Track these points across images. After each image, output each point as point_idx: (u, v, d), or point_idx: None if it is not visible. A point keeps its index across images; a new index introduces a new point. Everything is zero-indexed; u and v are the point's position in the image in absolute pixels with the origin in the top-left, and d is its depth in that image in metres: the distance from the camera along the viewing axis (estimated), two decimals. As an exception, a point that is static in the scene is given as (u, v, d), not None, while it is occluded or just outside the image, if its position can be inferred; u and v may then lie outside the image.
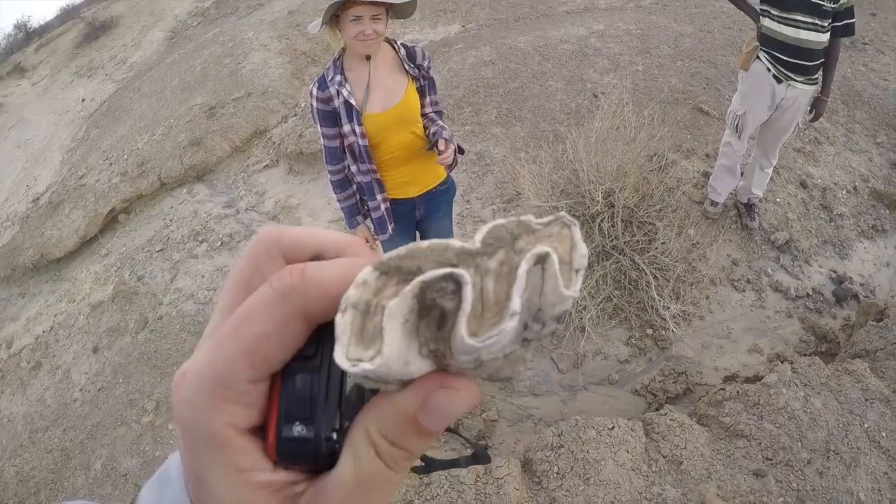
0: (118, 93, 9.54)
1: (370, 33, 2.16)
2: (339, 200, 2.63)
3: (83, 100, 10.42)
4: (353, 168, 2.46)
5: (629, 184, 3.46)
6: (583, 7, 7.54)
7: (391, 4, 2.17)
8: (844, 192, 4.50)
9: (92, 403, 3.91)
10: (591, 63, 5.52)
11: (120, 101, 8.93)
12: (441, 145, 2.32)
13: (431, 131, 2.42)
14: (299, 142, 5.36)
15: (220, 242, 4.89)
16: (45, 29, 16.58)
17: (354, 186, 2.57)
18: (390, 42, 2.37)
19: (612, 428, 2.60)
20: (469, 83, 5.31)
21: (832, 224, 4.16)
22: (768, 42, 3.17)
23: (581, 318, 3.34)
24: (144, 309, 4.50)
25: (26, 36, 16.57)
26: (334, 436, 0.30)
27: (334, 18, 2.21)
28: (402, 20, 2.47)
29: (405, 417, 0.29)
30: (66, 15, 16.75)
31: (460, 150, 2.59)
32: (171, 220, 5.40)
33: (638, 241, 3.53)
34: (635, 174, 3.50)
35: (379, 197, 2.52)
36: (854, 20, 3.12)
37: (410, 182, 2.57)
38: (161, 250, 5.07)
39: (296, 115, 6.26)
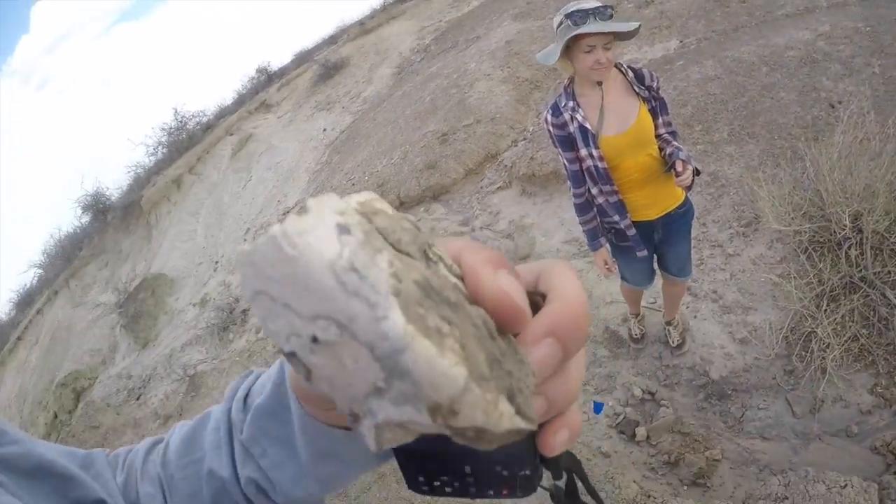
0: (355, 123, 10.81)
1: (604, 62, 2.24)
2: (581, 223, 2.70)
3: (324, 129, 12.00)
4: (594, 190, 2.53)
5: (879, 205, 3.14)
6: (803, 7, 7.09)
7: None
8: None
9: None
10: (822, 69, 5.25)
11: (358, 129, 10.12)
12: (679, 166, 2.31)
13: (668, 152, 2.41)
14: (531, 164, 5.70)
15: (457, 256, 5.38)
16: (283, 72, 19.10)
17: (595, 209, 2.63)
18: (617, 65, 2.41)
19: (845, 486, 2.38)
20: (696, 100, 5.31)
21: None
22: None
23: (823, 359, 3.03)
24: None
25: (268, 78, 19.20)
26: None
27: (565, 49, 2.29)
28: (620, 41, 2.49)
29: None
30: (301, 59, 19.19)
31: (697, 172, 2.51)
32: (410, 236, 6.02)
33: (890, 273, 3.17)
34: (885, 194, 3.16)
35: (629, 218, 2.58)
36: None
37: (649, 204, 2.58)
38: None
39: (525, 138, 6.61)
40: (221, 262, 10.37)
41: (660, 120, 2.46)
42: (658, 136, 2.47)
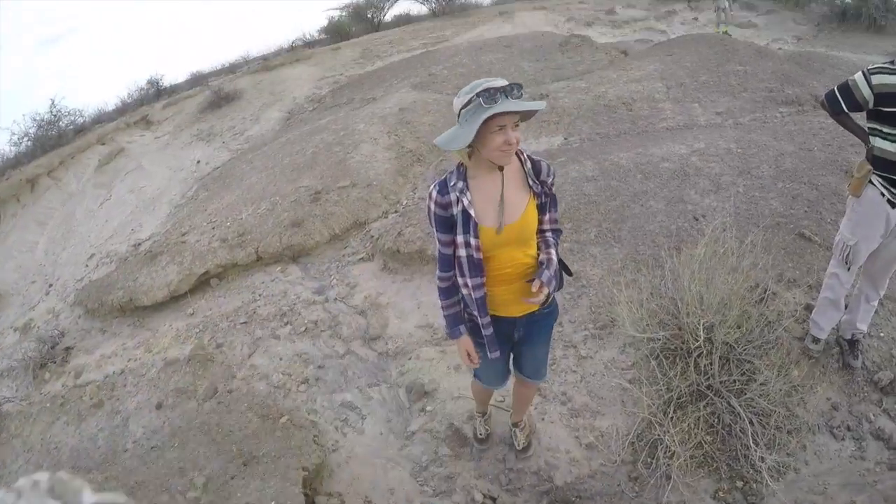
0: (231, 161, 10.19)
1: (514, 143, 2.09)
2: (444, 307, 2.51)
3: (198, 161, 11.23)
4: (461, 280, 2.38)
5: (731, 317, 3.27)
6: (683, 124, 7.54)
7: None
8: None
9: (141, 459, 3.72)
10: (692, 183, 5.46)
11: (232, 169, 9.50)
12: (535, 286, 2.24)
13: (539, 259, 2.35)
14: (397, 240, 5.45)
15: (304, 328, 4.92)
16: (174, 90, 18.08)
17: (460, 295, 2.48)
18: (517, 153, 2.26)
19: None
20: (571, 198, 5.29)
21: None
22: (883, 165, 2.95)
23: (668, 465, 3.11)
24: (217, 378, 4.47)
25: (157, 92, 18.07)
26: None
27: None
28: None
29: None
30: (195, 80, 18.30)
31: (568, 272, 2.53)
32: (260, 295, 5.51)
33: (735, 382, 3.28)
34: (738, 307, 3.31)
35: (488, 317, 2.43)
36: None
37: (515, 301, 2.44)
38: (245, 323, 5.14)
39: (397, 211, 6.40)
40: (56, 285, 9.23)
41: (547, 216, 2.38)
42: (541, 232, 2.39)
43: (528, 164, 2.28)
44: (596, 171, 5.69)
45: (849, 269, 3.27)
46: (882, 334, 3.83)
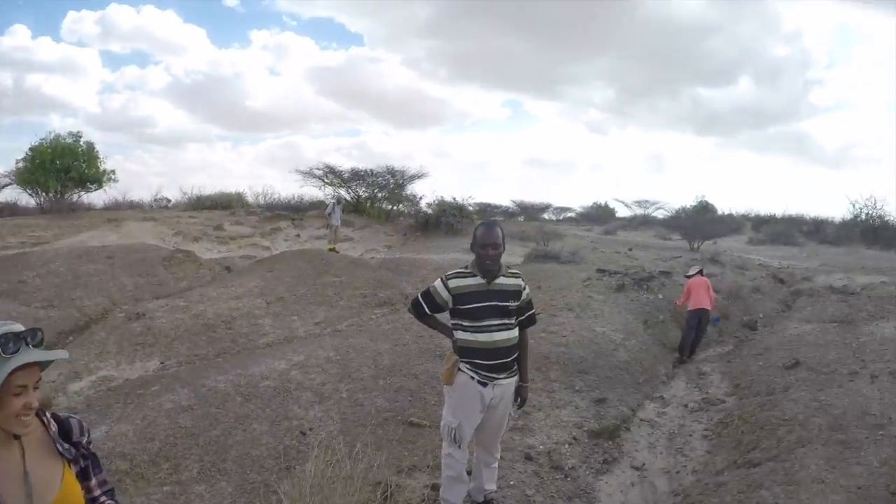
0: None
1: (35, 404, 1.67)
2: None
3: None
4: None
5: None
6: (283, 337, 7.87)
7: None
8: (567, 445, 4.87)
9: None
10: (294, 398, 5.52)
11: None
12: None
13: None
14: None
15: None
16: None
17: None
18: (38, 413, 1.78)
19: None
20: (166, 434, 4.76)
21: (569, 479, 4.41)
22: (467, 352, 3.35)
23: None
24: None
25: None
26: None
27: None
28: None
29: None
30: None
31: None
32: None
33: None
34: None
35: None
36: (534, 310, 3.57)
37: None
38: None
39: None
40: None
41: (93, 481, 1.88)
42: (93, 501, 1.86)
43: (54, 426, 1.84)
44: (193, 399, 5.34)
45: (459, 447, 3.54)
46: (512, 482, 4.24)
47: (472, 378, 3.35)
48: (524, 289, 3.48)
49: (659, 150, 77.61)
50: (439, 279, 3.45)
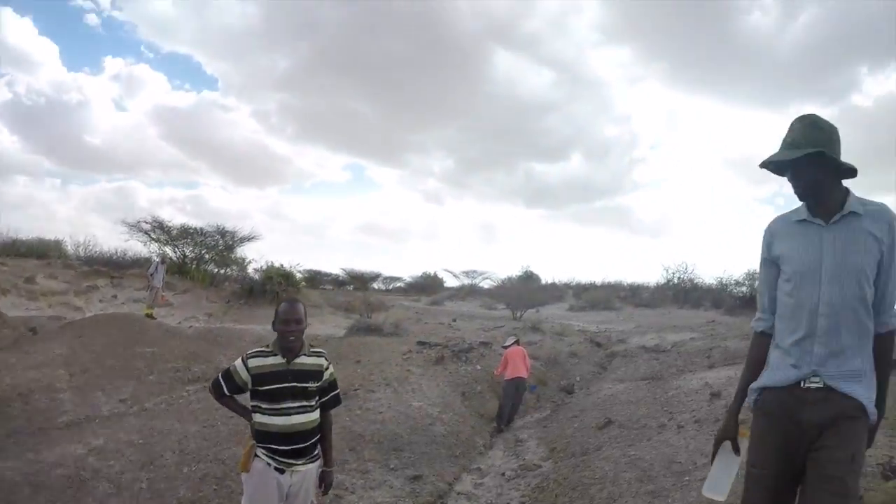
0: None
1: None
2: None
3: None
4: None
5: None
6: (84, 416, 7.45)
7: None
8: None
9: None
10: (89, 489, 5.26)
11: None
12: None
13: None
14: None
15: None
16: None
17: None
18: None
19: None
20: None
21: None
22: (264, 437, 3.21)
23: None
24: None
25: None
26: None
27: None
28: None
29: None
30: None
31: None
32: None
33: None
34: None
35: None
36: (338, 390, 3.45)
37: None
38: None
39: None
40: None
41: None
42: None
43: None
44: (-25, 498, 4.96)
45: None
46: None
47: (269, 465, 3.20)
48: (327, 368, 3.41)
49: (490, 221, 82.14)
50: (240, 358, 3.33)
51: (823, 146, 2.17)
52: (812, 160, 2.18)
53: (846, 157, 2.22)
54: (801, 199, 2.29)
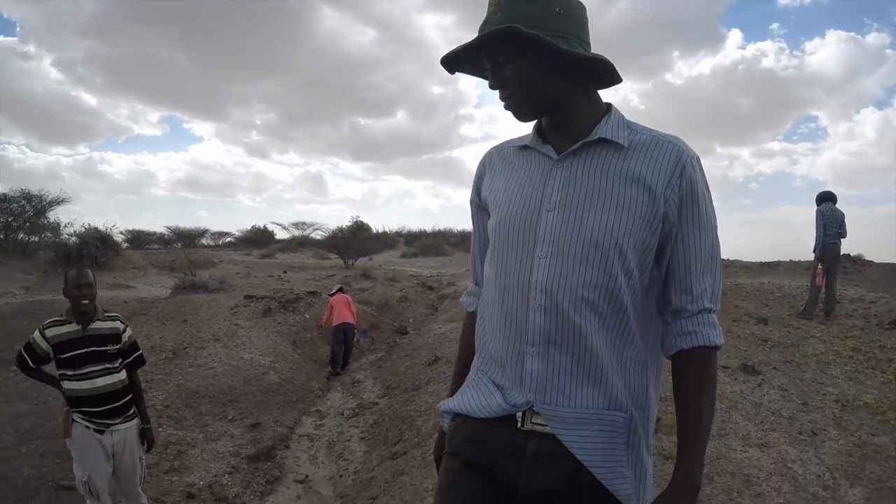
0: None
1: None
2: None
3: None
4: None
5: None
6: None
7: None
8: (227, 475, 4.91)
9: None
10: None
11: None
12: None
13: None
14: None
15: None
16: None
17: None
18: None
19: None
20: None
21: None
22: (77, 402, 3.27)
23: None
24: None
25: None
26: None
27: None
28: None
29: None
30: None
31: None
32: None
33: None
34: None
35: None
36: (141, 351, 3.54)
37: None
38: None
39: None
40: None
41: None
42: None
43: None
44: None
45: (100, 499, 3.40)
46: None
47: (88, 427, 3.29)
48: (124, 331, 3.49)
49: (318, 173, 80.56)
50: (37, 330, 3.35)
51: (524, 22, 1.16)
52: (508, 44, 1.20)
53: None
54: (516, 116, 1.33)
